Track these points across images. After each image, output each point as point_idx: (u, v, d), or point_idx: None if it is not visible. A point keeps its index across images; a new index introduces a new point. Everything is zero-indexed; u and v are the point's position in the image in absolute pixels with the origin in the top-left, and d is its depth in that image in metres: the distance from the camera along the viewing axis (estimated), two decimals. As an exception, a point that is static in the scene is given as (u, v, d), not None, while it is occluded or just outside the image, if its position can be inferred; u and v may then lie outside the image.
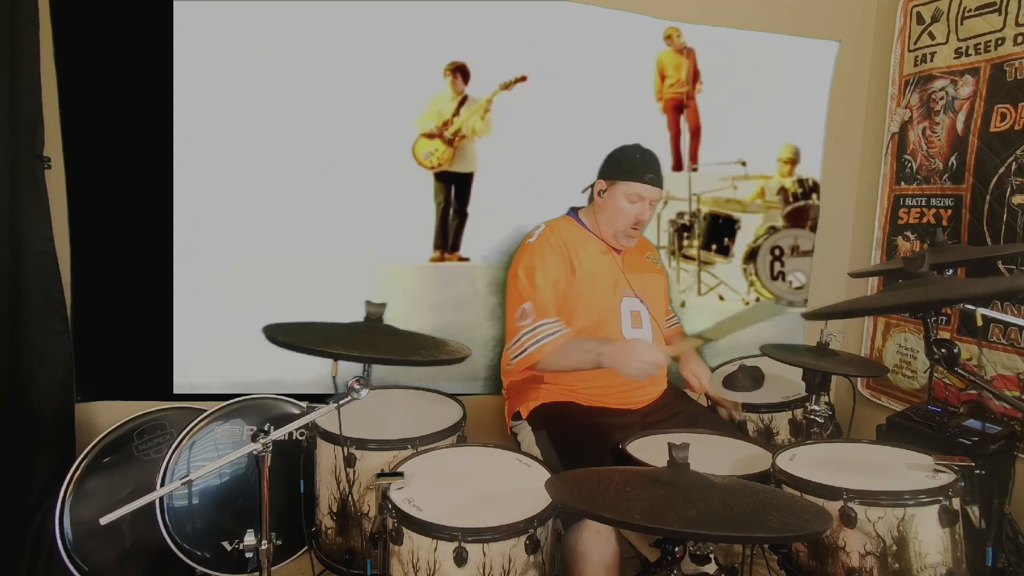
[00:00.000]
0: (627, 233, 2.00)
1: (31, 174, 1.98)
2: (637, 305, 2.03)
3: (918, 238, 2.59)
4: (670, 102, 2.42)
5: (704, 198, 2.40)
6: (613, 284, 2.01)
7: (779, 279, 2.46)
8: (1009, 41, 2.24)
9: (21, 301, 1.99)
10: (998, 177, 2.28)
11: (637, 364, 1.74)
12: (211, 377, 2.23)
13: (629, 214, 1.96)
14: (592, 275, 1.98)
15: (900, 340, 2.66)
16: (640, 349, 1.77)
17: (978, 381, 1.54)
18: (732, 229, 2.43)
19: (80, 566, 1.92)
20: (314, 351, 1.39)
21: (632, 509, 1.10)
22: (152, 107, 2.11)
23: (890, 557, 1.38)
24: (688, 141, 2.45)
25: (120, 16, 2.05)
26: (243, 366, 2.24)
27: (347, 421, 1.57)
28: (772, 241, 2.42)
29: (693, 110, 2.43)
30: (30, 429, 2.00)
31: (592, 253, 2.02)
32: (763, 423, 2.15)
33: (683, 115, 2.43)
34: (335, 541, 1.75)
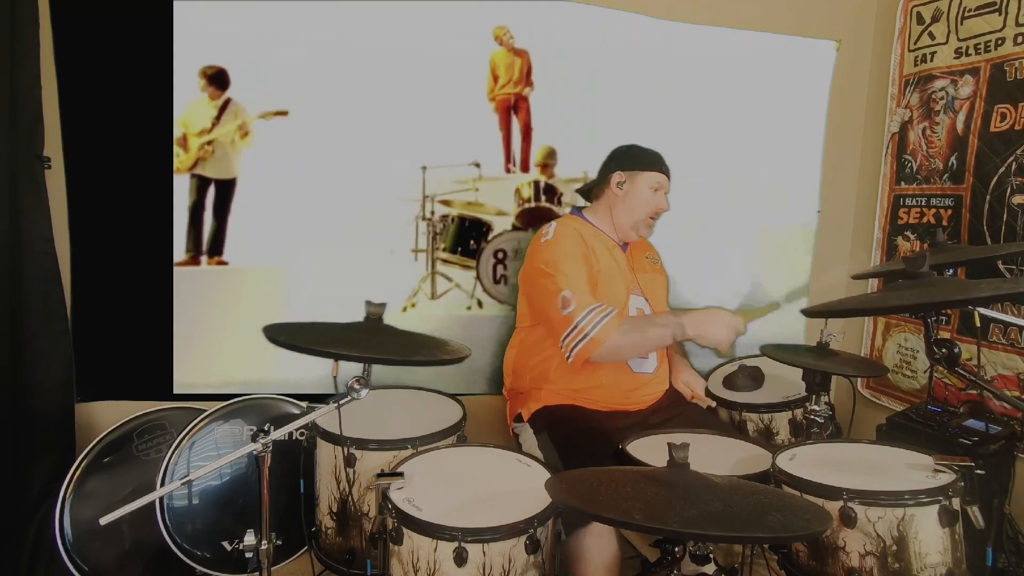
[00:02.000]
0: (646, 223, 2.06)
1: (31, 174, 1.98)
2: (642, 303, 2.05)
3: (918, 238, 2.59)
4: (502, 103, 2.41)
5: (454, 201, 2.36)
6: (623, 281, 2.02)
7: (501, 283, 2.41)
8: (1009, 41, 2.24)
9: (21, 301, 1.99)
10: (998, 177, 2.28)
11: (724, 328, 1.80)
12: (211, 377, 2.23)
13: (651, 203, 2.04)
14: (607, 271, 1.99)
15: (900, 340, 2.66)
16: (723, 314, 1.83)
17: (978, 381, 1.54)
18: (480, 232, 2.40)
19: (80, 566, 1.92)
20: (315, 351, 1.39)
21: (632, 509, 1.09)
22: (152, 107, 2.11)
23: (890, 557, 1.38)
24: (520, 143, 2.43)
25: (120, 16, 2.05)
26: (243, 366, 2.24)
27: (347, 421, 1.57)
28: (495, 244, 2.40)
29: (525, 111, 2.43)
30: (30, 429, 2.00)
31: (604, 250, 2.03)
32: (763, 423, 2.15)
33: (515, 116, 2.42)
34: (335, 541, 1.75)
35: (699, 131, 2.63)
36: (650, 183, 2.04)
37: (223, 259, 2.22)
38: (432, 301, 2.40)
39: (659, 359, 2.08)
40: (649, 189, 2.04)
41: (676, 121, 2.59)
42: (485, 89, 2.38)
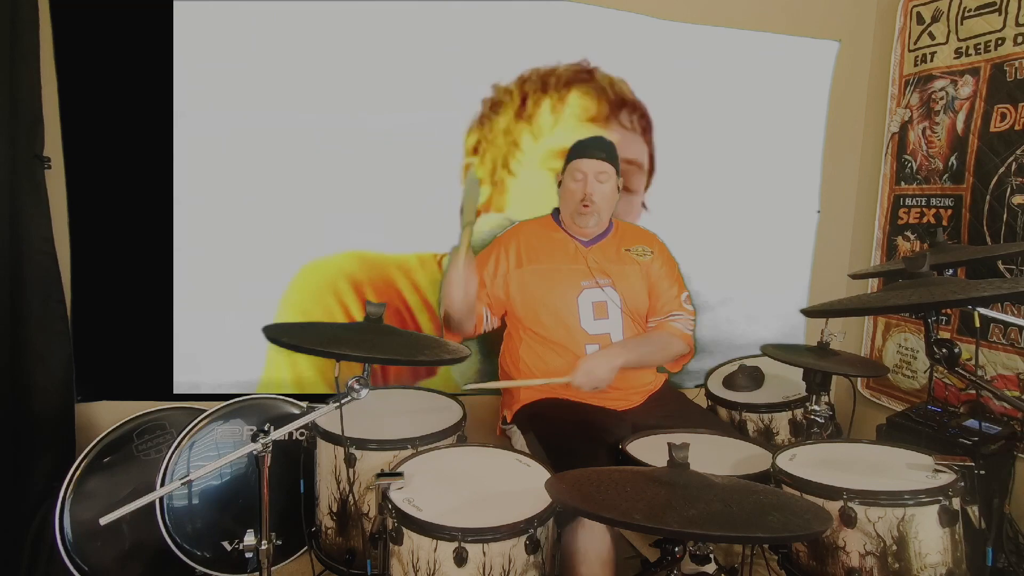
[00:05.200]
0: (579, 211, 2.04)
1: (31, 174, 1.98)
2: (601, 295, 2.04)
3: (918, 238, 2.59)
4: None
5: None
6: (571, 277, 2.04)
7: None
8: (1009, 41, 2.24)
9: (21, 301, 1.99)
10: (998, 177, 2.28)
11: (597, 372, 1.85)
12: (211, 377, 2.23)
13: (576, 192, 2.03)
14: (546, 270, 2.04)
15: (900, 340, 2.66)
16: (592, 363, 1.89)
17: (978, 381, 1.54)
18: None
19: (80, 566, 1.92)
20: (316, 351, 1.39)
21: (632, 509, 1.09)
22: (152, 107, 2.11)
23: (890, 557, 1.38)
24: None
25: (120, 16, 2.05)
26: (243, 366, 2.25)
27: (347, 421, 1.57)
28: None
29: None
30: (30, 429, 2.00)
31: (553, 250, 2.07)
32: (763, 423, 2.15)
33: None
34: (335, 541, 1.75)
35: (699, 131, 2.63)
36: (573, 172, 2.04)
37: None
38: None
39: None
40: (572, 179, 2.04)
41: (676, 120, 2.59)
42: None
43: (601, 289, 2.04)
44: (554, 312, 2.00)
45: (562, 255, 2.07)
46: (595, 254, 2.08)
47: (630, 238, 2.18)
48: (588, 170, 2.02)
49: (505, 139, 2.41)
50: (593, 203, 2.02)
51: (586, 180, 2.02)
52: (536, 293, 2.02)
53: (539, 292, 2.02)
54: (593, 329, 2.01)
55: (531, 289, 2.03)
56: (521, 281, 2.04)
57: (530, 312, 2.03)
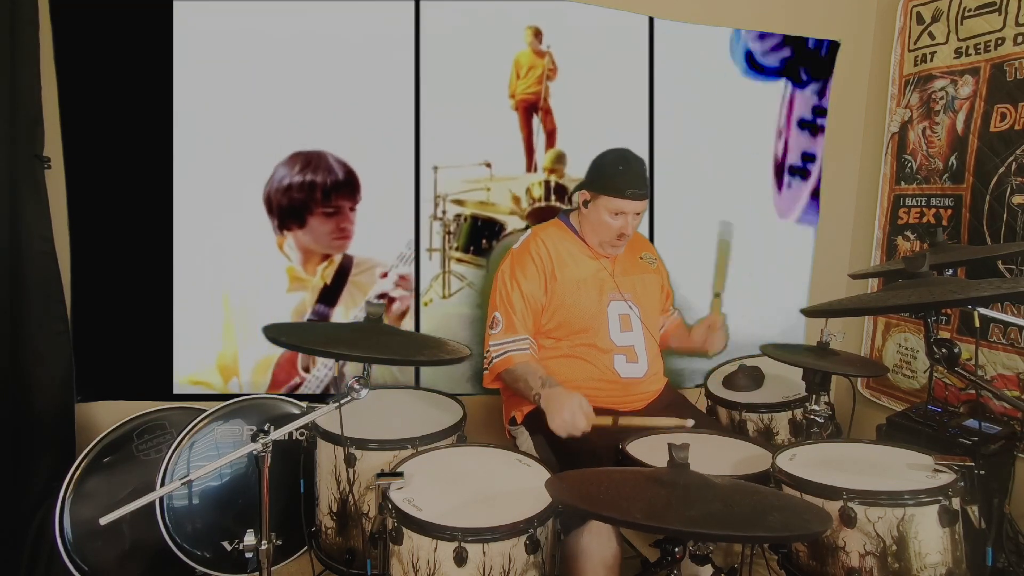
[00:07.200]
0: (612, 243, 2.00)
1: (31, 174, 1.98)
2: (626, 308, 2.03)
3: (918, 238, 2.59)
4: (522, 103, 2.40)
5: (467, 201, 2.37)
6: (599, 288, 2.01)
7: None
8: (1009, 41, 2.24)
9: (21, 301, 1.99)
10: (998, 177, 2.28)
11: (559, 420, 1.70)
12: (211, 377, 2.23)
13: (612, 227, 1.95)
14: (577, 281, 1.99)
15: (900, 340, 2.66)
16: (568, 407, 1.71)
17: (978, 381, 1.54)
18: (493, 231, 2.41)
19: (80, 566, 1.92)
20: (316, 351, 1.39)
21: (632, 509, 1.10)
22: (152, 107, 2.11)
23: (890, 557, 1.38)
24: (543, 142, 2.44)
25: (120, 16, 2.06)
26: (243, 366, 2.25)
27: (347, 421, 1.57)
28: (506, 243, 2.36)
29: (547, 111, 2.42)
30: (30, 429, 2.00)
31: (578, 258, 2.02)
32: (763, 423, 2.15)
33: (537, 116, 2.42)
34: (335, 541, 1.75)
35: (699, 131, 2.63)
36: (610, 208, 1.92)
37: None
38: (444, 300, 2.42)
39: (650, 360, 2.04)
40: (609, 214, 1.93)
41: (676, 121, 2.59)
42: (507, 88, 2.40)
43: (626, 302, 2.04)
44: (588, 327, 1.98)
45: (589, 267, 2.03)
46: (617, 264, 2.07)
47: (638, 245, 2.18)
48: (630, 210, 1.92)
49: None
50: (627, 236, 1.98)
51: (626, 219, 1.94)
52: (571, 307, 1.97)
53: (574, 306, 1.97)
54: (620, 341, 2.00)
55: (567, 303, 1.97)
56: (558, 297, 1.98)
57: (568, 326, 1.98)
